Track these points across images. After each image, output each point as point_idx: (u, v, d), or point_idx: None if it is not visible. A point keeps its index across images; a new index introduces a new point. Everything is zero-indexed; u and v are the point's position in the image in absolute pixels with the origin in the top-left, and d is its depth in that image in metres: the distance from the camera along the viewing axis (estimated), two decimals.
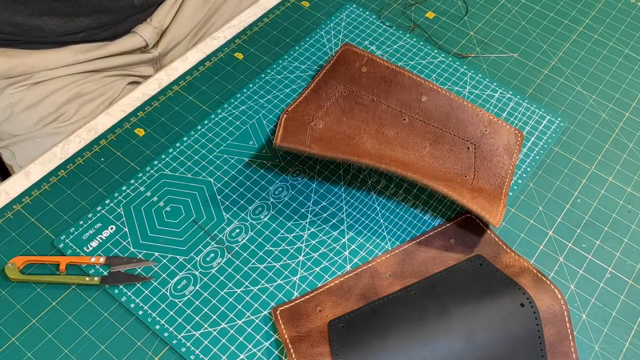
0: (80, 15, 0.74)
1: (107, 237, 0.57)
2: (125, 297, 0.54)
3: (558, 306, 0.53)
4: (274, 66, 0.72)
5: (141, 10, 0.80)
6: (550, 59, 0.76)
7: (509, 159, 0.63)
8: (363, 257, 0.58)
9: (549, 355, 0.51)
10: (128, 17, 0.79)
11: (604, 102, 0.72)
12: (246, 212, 0.60)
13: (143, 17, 0.81)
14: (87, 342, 0.51)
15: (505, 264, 0.56)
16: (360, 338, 0.50)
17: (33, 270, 0.55)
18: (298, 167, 0.64)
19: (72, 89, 0.77)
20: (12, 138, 0.76)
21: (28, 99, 0.75)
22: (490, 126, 0.64)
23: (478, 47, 0.76)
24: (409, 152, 0.63)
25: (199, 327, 0.53)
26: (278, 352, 0.52)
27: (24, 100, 0.75)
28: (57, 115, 0.77)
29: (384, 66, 0.67)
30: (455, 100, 0.65)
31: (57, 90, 0.76)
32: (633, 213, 0.63)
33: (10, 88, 0.75)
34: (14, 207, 0.59)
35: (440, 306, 0.52)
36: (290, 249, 0.58)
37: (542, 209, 0.62)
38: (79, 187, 0.61)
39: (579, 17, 0.81)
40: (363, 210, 0.61)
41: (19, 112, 0.75)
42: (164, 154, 0.63)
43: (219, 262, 0.56)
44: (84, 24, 0.75)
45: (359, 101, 0.66)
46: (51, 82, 0.76)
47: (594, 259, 0.59)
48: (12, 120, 0.76)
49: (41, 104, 0.76)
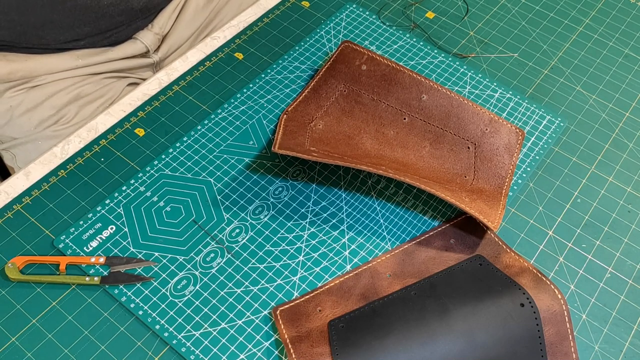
0: (81, 24, 0.74)
1: (107, 237, 0.57)
2: (125, 297, 0.54)
3: (558, 306, 0.53)
4: (274, 66, 0.72)
5: (142, 17, 0.80)
6: (550, 59, 0.76)
7: (509, 158, 0.63)
8: (363, 257, 0.58)
9: (549, 355, 0.51)
10: (129, 24, 0.79)
11: (604, 102, 0.72)
12: (246, 212, 0.60)
13: (144, 24, 0.81)
14: (87, 342, 0.51)
15: (505, 264, 0.56)
16: (360, 338, 0.50)
17: (33, 270, 0.55)
18: (298, 167, 0.64)
19: (72, 91, 0.77)
20: (12, 141, 0.76)
21: (27, 101, 0.75)
22: (491, 125, 0.64)
23: (478, 47, 0.76)
24: (408, 152, 0.63)
25: (199, 327, 0.53)
26: (278, 352, 0.52)
27: (23, 103, 0.75)
28: (57, 117, 0.77)
29: (383, 64, 0.67)
30: (455, 98, 0.65)
31: (56, 93, 0.76)
32: (633, 213, 0.63)
33: (9, 91, 0.75)
34: (14, 207, 0.59)
35: (440, 306, 0.52)
36: (290, 249, 0.58)
37: (542, 209, 0.62)
38: (79, 187, 0.61)
39: (579, 17, 0.81)
40: (363, 210, 0.61)
41: (18, 115, 0.75)
42: (164, 154, 0.63)
43: (219, 262, 0.56)
44: (85, 32, 0.75)
45: (359, 100, 0.66)
46: (51, 85, 0.76)
47: (594, 259, 0.59)
48: (12, 124, 0.76)
49: (41, 106, 0.76)
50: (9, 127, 0.76)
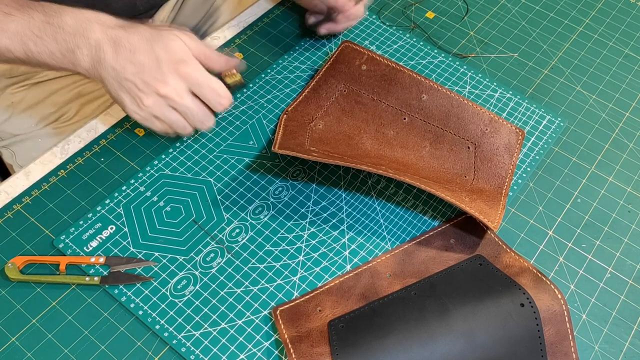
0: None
1: (107, 237, 0.57)
2: (125, 297, 0.54)
3: (558, 306, 0.53)
4: (274, 66, 0.72)
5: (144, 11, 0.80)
6: (550, 59, 0.76)
7: (509, 158, 0.63)
8: (363, 257, 0.58)
9: (549, 355, 0.51)
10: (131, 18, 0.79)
11: (604, 102, 0.72)
12: (246, 212, 0.60)
13: (146, 18, 0.81)
14: (87, 342, 0.51)
15: (505, 264, 0.56)
16: (360, 338, 0.50)
17: (33, 270, 0.55)
18: (298, 167, 0.64)
19: (73, 89, 0.77)
20: (12, 138, 0.77)
21: (29, 98, 0.75)
22: (491, 125, 0.64)
23: (478, 47, 0.76)
24: (408, 152, 0.63)
25: (199, 327, 0.53)
26: (278, 352, 0.52)
27: (25, 100, 0.75)
28: (58, 115, 0.77)
29: (383, 64, 0.67)
30: (455, 98, 0.65)
31: (58, 90, 0.76)
32: (633, 213, 0.63)
33: (11, 88, 0.75)
34: (14, 207, 0.59)
35: (440, 306, 0.52)
36: (290, 249, 0.58)
37: (542, 209, 0.62)
38: (79, 187, 0.61)
39: (579, 17, 0.81)
40: (363, 210, 0.61)
41: (20, 112, 0.75)
42: (164, 154, 0.63)
43: (219, 262, 0.56)
44: None
45: (359, 100, 0.66)
46: (52, 82, 0.76)
47: (594, 259, 0.59)
48: (13, 120, 0.76)
49: (42, 103, 0.76)
50: (10, 123, 0.76)
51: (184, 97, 0.55)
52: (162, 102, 0.55)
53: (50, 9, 0.55)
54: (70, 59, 0.55)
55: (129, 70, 0.54)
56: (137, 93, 0.55)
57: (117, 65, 0.54)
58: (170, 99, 0.55)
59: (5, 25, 0.55)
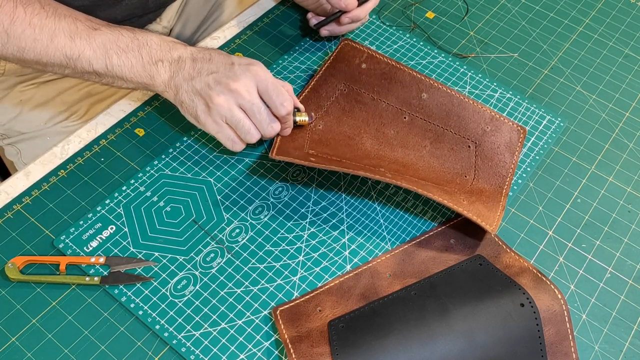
0: (97, 10, 0.73)
1: (107, 237, 0.57)
2: (125, 297, 0.54)
3: (558, 306, 0.53)
4: (274, 66, 0.72)
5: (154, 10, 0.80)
6: (550, 59, 0.76)
7: (510, 157, 0.63)
8: (363, 257, 0.58)
9: (549, 355, 0.51)
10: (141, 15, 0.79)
11: (604, 102, 0.72)
12: (246, 212, 0.60)
13: (154, 16, 0.82)
14: (87, 342, 0.51)
15: (505, 264, 0.56)
16: (360, 338, 0.50)
17: (33, 270, 0.55)
18: (298, 167, 0.64)
19: (83, 88, 0.77)
20: (20, 135, 0.76)
21: (39, 96, 0.75)
22: (492, 123, 0.64)
23: (478, 47, 0.76)
24: (409, 152, 0.63)
25: (199, 327, 0.53)
26: (278, 352, 0.52)
27: (34, 98, 0.75)
28: (68, 114, 0.77)
29: (383, 62, 0.67)
30: (456, 96, 0.65)
31: (67, 89, 0.76)
32: (633, 213, 0.63)
33: (20, 85, 0.75)
34: (14, 207, 0.59)
35: (440, 306, 0.52)
36: (290, 249, 0.58)
37: (542, 209, 0.62)
38: (79, 187, 0.61)
39: (579, 17, 0.81)
40: (363, 210, 0.61)
41: (29, 110, 0.75)
42: (164, 154, 0.63)
43: (219, 262, 0.56)
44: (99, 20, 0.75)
45: (359, 99, 0.66)
46: (62, 81, 0.76)
47: (594, 259, 0.59)
48: (22, 118, 0.76)
49: (52, 102, 0.76)
50: (18, 121, 0.76)
51: (252, 93, 0.57)
52: (231, 99, 0.57)
53: (138, 30, 0.60)
54: (150, 71, 0.59)
55: (205, 70, 0.58)
56: (208, 92, 0.57)
57: (193, 71, 0.58)
58: (238, 94, 0.57)
59: (92, 38, 0.58)
